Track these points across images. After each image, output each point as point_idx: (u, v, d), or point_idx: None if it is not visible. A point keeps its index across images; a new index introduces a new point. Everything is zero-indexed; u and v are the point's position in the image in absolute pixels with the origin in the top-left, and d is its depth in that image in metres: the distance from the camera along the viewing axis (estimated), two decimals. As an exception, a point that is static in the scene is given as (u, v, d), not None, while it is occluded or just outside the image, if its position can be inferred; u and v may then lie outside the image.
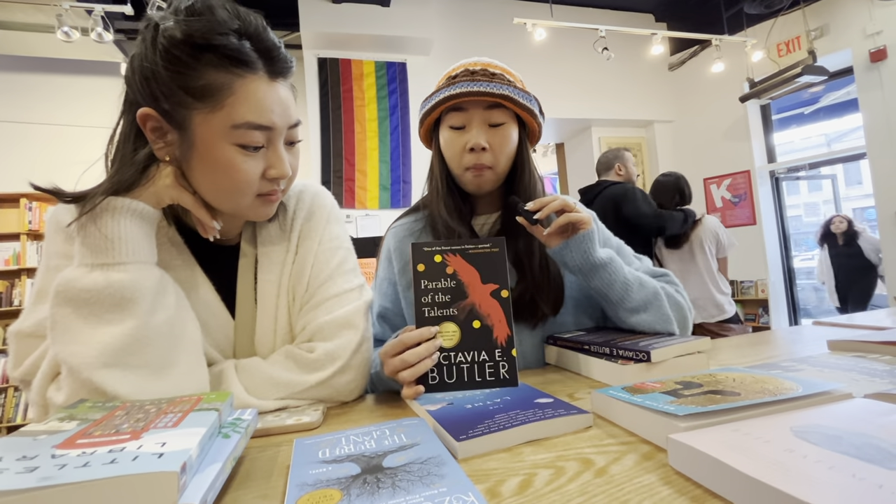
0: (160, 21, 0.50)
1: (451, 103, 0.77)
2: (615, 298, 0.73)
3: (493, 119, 0.77)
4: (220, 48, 0.50)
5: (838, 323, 0.93)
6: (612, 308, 0.75)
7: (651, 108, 4.77)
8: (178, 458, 0.28)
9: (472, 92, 0.75)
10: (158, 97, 0.51)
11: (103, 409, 0.40)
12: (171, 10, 0.51)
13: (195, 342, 0.55)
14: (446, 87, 0.78)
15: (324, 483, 0.33)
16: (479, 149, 0.76)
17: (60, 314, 0.48)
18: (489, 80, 0.76)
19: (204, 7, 0.50)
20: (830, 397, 0.42)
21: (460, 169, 0.80)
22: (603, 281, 0.73)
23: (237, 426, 0.42)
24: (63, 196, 0.52)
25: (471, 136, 0.76)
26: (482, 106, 0.77)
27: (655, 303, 0.73)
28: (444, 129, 0.81)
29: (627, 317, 0.74)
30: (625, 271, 0.74)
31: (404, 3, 3.60)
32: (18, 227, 3.35)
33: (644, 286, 0.74)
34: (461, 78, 0.78)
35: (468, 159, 0.78)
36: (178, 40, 0.49)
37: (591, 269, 0.72)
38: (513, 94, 0.76)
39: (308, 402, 0.59)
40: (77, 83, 3.77)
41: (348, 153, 3.65)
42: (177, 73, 0.50)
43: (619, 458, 0.38)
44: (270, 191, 0.58)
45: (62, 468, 0.27)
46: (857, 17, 3.53)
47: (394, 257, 0.86)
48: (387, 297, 0.86)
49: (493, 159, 0.77)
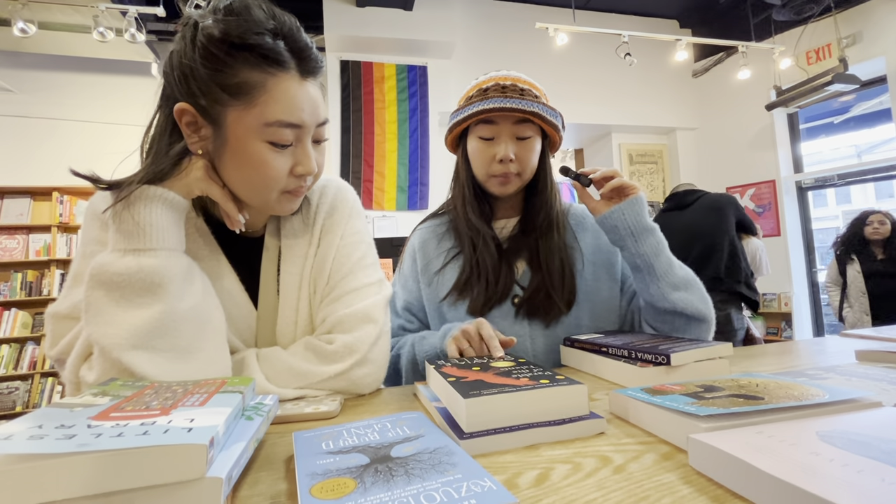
0: (199, 19, 0.52)
1: (484, 116, 0.82)
2: (660, 270, 0.76)
3: (521, 133, 0.82)
4: (255, 47, 0.52)
5: (866, 335, 0.90)
6: (654, 282, 0.77)
7: (674, 114, 4.70)
8: (207, 433, 0.29)
9: (505, 108, 0.80)
10: (195, 93, 0.53)
11: (133, 387, 0.42)
12: (210, 9, 0.53)
13: (219, 329, 0.57)
14: (479, 101, 0.82)
15: (334, 473, 0.33)
16: (507, 160, 0.81)
17: (94, 297, 0.50)
18: (520, 97, 0.81)
19: (241, 7, 0.52)
20: (859, 405, 0.41)
21: (485, 175, 0.85)
22: (652, 247, 0.77)
23: (259, 410, 0.43)
24: (100, 183, 0.54)
25: (500, 148, 0.81)
26: (512, 120, 0.82)
27: (695, 284, 0.78)
28: (474, 138, 0.85)
29: (670, 292, 0.76)
30: (668, 248, 0.78)
31: (427, 7, 3.64)
32: (50, 219, 3.47)
33: (682, 267, 0.79)
34: (493, 92, 0.82)
35: (496, 168, 0.83)
36: (216, 39, 0.51)
37: (643, 230, 0.77)
38: (542, 111, 0.81)
39: (326, 392, 0.60)
40: (108, 81, 3.92)
41: (367, 154, 3.69)
42: (214, 71, 0.52)
43: (638, 456, 0.38)
44: (297, 187, 0.60)
45: (98, 437, 0.28)
46: (891, 25, 3.43)
47: (418, 256, 0.92)
48: (411, 293, 0.92)
49: (520, 168, 0.83)
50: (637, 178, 4.77)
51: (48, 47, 3.49)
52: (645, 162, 4.82)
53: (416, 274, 0.91)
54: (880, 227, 2.79)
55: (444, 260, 0.89)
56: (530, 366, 0.55)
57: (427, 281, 0.89)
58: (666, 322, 0.79)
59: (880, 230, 2.79)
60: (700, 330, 0.77)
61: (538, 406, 0.43)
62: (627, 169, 4.73)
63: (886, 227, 2.77)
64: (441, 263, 0.89)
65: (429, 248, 0.92)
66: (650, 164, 4.83)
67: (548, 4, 4.32)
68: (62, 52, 3.56)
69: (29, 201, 3.53)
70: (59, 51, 3.55)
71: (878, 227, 2.82)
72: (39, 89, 3.79)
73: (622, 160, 4.73)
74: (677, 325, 0.78)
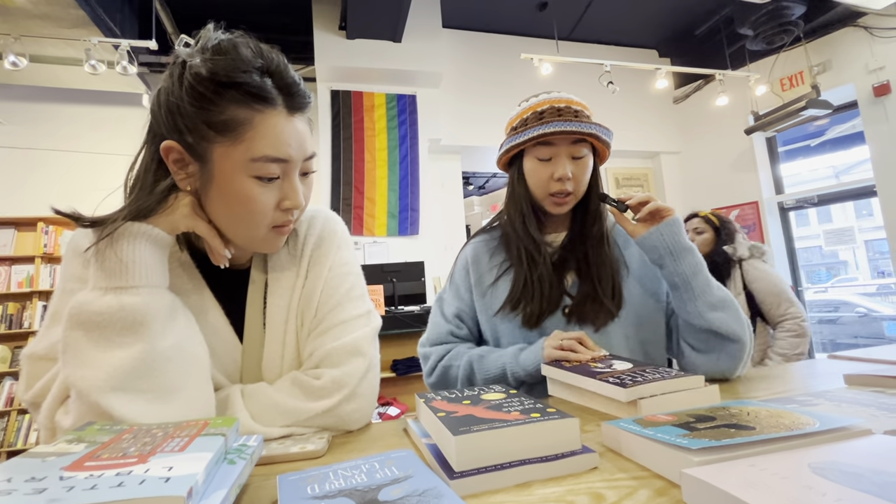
0: (187, 58, 0.53)
1: (543, 139, 0.86)
2: (698, 289, 0.79)
3: (577, 153, 0.87)
4: (242, 85, 0.52)
5: (855, 357, 0.90)
6: (692, 301, 0.80)
7: (657, 139, 4.83)
8: (185, 483, 0.28)
9: (565, 131, 0.84)
10: (182, 130, 0.53)
11: (111, 432, 0.40)
12: (199, 49, 0.53)
13: (203, 367, 0.55)
14: (537, 125, 0.86)
15: None
16: (566, 179, 0.85)
17: (72, 337, 0.48)
18: (575, 118, 0.86)
19: (229, 46, 0.53)
20: (849, 433, 0.41)
21: (543, 194, 0.89)
22: (690, 266, 0.80)
23: (242, 452, 0.41)
24: (81, 221, 0.53)
25: (558, 167, 0.86)
26: (569, 141, 0.86)
27: (732, 305, 0.79)
28: (531, 159, 0.90)
29: (707, 311, 0.78)
30: (706, 268, 0.81)
31: (415, 39, 3.74)
32: (34, 250, 3.41)
33: (721, 288, 0.81)
34: (549, 116, 0.87)
35: (554, 187, 0.87)
36: (203, 77, 0.51)
37: (681, 251, 0.80)
38: (598, 132, 0.86)
39: (313, 429, 0.59)
40: (98, 112, 3.93)
41: (357, 181, 3.72)
42: (201, 109, 0.52)
43: (632, 493, 0.37)
44: (284, 221, 0.59)
45: (70, 490, 0.27)
46: (858, 54, 3.60)
47: (471, 269, 0.97)
48: (464, 301, 0.96)
49: (576, 187, 0.88)
50: (624, 200, 4.86)
51: (38, 79, 3.51)
52: (631, 185, 4.92)
53: (470, 286, 0.96)
54: (696, 237, 2.19)
55: (497, 274, 0.93)
56: (521, 398, 0.54)
57: (480, 293, 0.94)
58: (701, 340, 0.81)
59: (696, 240, 2.17)
60: (735, 348, 0.78)
61: (529, 441, 0.43)
62: (615, 192, 4.82)
63: (704, 236, 2.19)
64: (493, 277, 0.93)
65: (481, 263, 0.96)
66: (636, 188, 4.93)
67: (532, 35, 4.47)
68: (52, 83, 3.58)
69: (13, 232, 3.47)
70: (49, 83, 3.57)
71: (693, 238, 2.21)
72: (28, 120, 3.79)
73: (609, 183, 4.82)
74: (712, 344, 0.79)
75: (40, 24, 2.90)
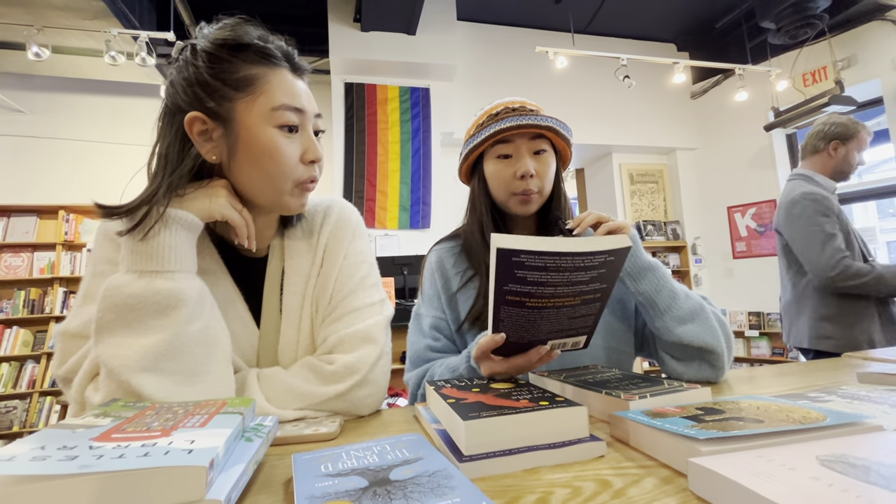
0: (195, 42, 0.59)
1: (501, 136, 0.84)
2: (663, 305, 0.76)
3: (537, 147, 0.85)
4: (252, 46, 0.58)
5: (869, 357, 0.89)
6: (659, 317, 0.77)
7: (673, 135, 4.75)
8: (207, 455, 0.30)
9: (522, 125, 0.82)
10: (203, 98, 0.56)
11: (134, 408, 0.42)
12: (203, 34, 0.60)
13: (225, 350, 0.57)
14: (494, 123, 0.84)
15: (332, 496, 0.33)
16: (528, 175, 0.83)
17: (106, 318, 0.50)
18: (532, 114, 0.84)
19: (232, 21, 0.60)
20: (860, 428, 0.41)
21: (507, 195, 0.86)
22: (651, 285, 0.76)
23: (259, 431, 0.43)
24: (118, 211, 0.53)
25: (520, 164, 0.83)
26: (528, 137, 0.84)
27: (702, 314, 0.75)
28: (491, 160, 0.87)
29: (675, 326, 0.75)
30: (671, 280, 0.78)
31: (429, 32, 3.73)
32: (55, 237, 3.51)
33: (689, 297, 0.77)
34: (504, 114, 0.85)
35: (517, 185, 0.84)
36: (217, 44, 0.57)
37: (639, 271, 0.77)
38: (555, 125, 0.84)
39: (326, 413, 0.60)
40: (117, 103, 4.01)
41: (370, 174, 3.73)
42: (219, 71, 0.57)
43: (638, 480, 0.38)
44: (309, 176, 0.62)
45: (99, 458, 0.29)
46: (886, 49, 3.49)
47: (436, 275, 0.94)
48: (438, 309, 0.92)
49: (540, 184, 0.85)
50: (638, 197, 4.80)
51: (59, 70, 3.59)
52: (646, 181, 4.85)
53: (438, 292, 0.92)
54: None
55: (461, 281, 0.90)
56: (530, 387, 0.55)
57: (448, 299, 0.90)
58: (676, 350, 0.77)
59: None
60: (711, 358, 0.74)
61: (538, 428, 0.43)
62: (628, 188, 4.77)
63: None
64: (458, 284, 0.90)
65: (446, 267, 0.93)
66: (651, 184, 4.86)
67: (547, 28, 4.42)
68: (73, 74, 3.66)
69: (35, 219, 3.57)
70: (69, 73, 3.65)
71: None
72: (49, 110, 3.88)
73: (623, 180, 4.76)
74: (690, 354, 0.76)
75: (62, 16, 2.96)
